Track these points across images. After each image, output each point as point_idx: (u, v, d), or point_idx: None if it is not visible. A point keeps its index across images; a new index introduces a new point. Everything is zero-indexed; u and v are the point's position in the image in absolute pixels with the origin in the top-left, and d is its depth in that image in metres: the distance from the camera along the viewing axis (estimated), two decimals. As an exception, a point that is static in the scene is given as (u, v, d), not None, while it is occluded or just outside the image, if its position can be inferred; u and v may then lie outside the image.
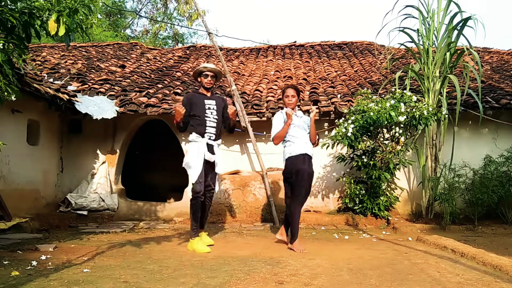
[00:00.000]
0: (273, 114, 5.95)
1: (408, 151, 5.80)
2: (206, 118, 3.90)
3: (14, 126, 5.24)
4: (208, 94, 4.06)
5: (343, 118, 5.48)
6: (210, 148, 3.90)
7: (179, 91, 6.72)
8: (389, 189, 5.63)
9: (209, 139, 3.89)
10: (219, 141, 4.03)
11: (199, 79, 4.11)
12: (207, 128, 3.89)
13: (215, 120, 3.94)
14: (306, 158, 3.87)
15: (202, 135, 3.88)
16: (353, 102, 5.94)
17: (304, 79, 7.61)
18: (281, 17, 37.60)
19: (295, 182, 3.82)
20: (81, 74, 7.37)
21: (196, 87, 7.03)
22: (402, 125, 5.16)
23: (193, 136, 3.90)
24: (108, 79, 7.22)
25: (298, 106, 4.33)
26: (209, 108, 3.94)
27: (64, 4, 2.92)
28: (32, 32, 2.98)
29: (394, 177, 5.65)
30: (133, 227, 5.29)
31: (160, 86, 7.07)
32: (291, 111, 3.91)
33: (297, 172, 3.81)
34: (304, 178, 3.81)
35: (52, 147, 6.26)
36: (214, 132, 3.92)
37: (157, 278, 2.66)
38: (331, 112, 6.04)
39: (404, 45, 6.19)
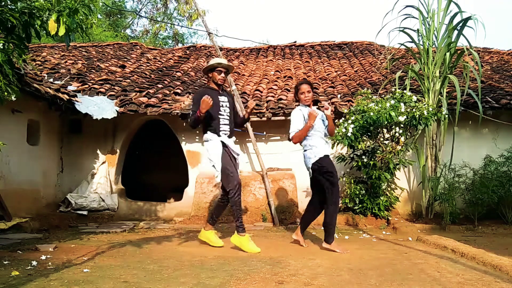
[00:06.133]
0: (273, 114, 6.01)
1: (408, 151, 5.78)
2: (220, 116, 3.82)
3: (14, 126, 5.24)
4: (220, 91, 3.95)
5: (343, 118, 5.46)
6: (226, 147, 3.83)
7: (179, 91, 6.71)
8: (389, 189, 5.61)
9: (225, 135, 3.83)
10: (233, 138, 3.94)
11: (210, 74, 3.96)
12: (221, 126, 3.80)
13: (228, 118, 3.86)
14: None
15: (218, 133, 3.81)
16: (353, 102, 5.92)
17: (304, 79, 7.60)
18: (281, 17, 37.61)
19: (330, 181, 3.68)
20: (81, 74, 7.36)
21: (196, 86, 7.03)
22: (402, 125, 5.14)
23: (209, 135, 3.83)
24: (108, 79, 7.21)
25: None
26: (222, 106, 3.86)
27: (64, 4, 2.91)
28: (32, 32, 2.97)
29: (394, 177, 5.63)
30: (133, 227, 5.29)
31: (160, 86, 7.05)
32: (315, 112, 3.76)
33: (332, 173, 3.70)
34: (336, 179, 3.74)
35: (52, 147, 6.25)
36: (228, 130, 3.85)
37: (157, 278, 2.65)
38: (331, 112, 6.01)
39: (404, 45, 6.18)
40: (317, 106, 6.05)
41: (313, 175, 3.82)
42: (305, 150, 3.86)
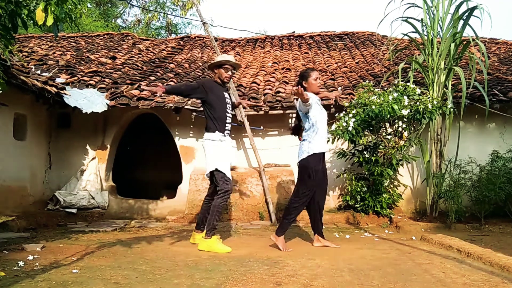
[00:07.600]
0: (271, 107, 5.95)
1: (412, 146, 5.71)
2: (226, 114, 3.77)
3: (0, 121, 5.15)
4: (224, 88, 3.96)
5: (343, 112, 5.38)
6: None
7: (172, 83, 6.58)
8: (391, 186, 5.55)
9: (227, 136, 3.81)
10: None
11: (216, 70, 3.90)
12: (227, 125, 3.79)
13: (231, 117, 3.85)
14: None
15: (224, 133, 3.75)
16: (354, 95, 5.84)
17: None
18: (279, 7, 37.32)
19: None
20: (70, 66, 7.26)
21: (190, 79, 6.91)
22: (405, 119, 5.08)
23: (217, 135, 3.71)
24: (98, 71, 7.11)
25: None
26: (228, 103, 3.84)
27: (53, -8, 2.85)
28: (19, 22, 2.97)
29: (397, 174, 5.56)
30: (124, 226, 5.26)
31: (152, 78, 6.93)
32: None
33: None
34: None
35: (39, 142, 6.18)
36: (230, 129, 3.83)
37: (150, 279, 2.63)
38: (332, 106, 5.91)
39: (408, 36, 6.05)
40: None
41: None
42: (304, 140, 3.69)
